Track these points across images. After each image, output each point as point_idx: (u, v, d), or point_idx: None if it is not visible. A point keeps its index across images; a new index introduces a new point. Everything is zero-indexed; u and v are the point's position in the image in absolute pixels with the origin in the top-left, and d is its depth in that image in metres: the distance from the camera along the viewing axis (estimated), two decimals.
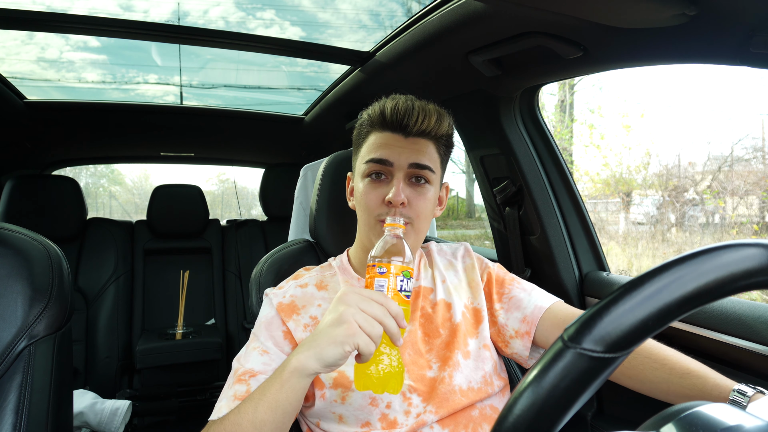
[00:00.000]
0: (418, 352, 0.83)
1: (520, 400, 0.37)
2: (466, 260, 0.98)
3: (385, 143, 0.84)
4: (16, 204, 2.20)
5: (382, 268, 0.67)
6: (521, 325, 0.87)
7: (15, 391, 0.71)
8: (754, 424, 0.33)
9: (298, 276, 0.94)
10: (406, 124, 0.83)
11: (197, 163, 3.02)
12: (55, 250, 0.81)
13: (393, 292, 0.66)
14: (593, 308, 0.38)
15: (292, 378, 0.63)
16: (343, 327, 0.60)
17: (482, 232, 7.38)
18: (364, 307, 0.62)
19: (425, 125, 0.83)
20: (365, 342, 0.60)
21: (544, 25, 0.93)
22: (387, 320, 0.62)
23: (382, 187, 0.84)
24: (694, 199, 5.43)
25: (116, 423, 1.97)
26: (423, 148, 0.84)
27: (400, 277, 0.67)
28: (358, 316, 0.61)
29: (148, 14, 1.63)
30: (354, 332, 0.60)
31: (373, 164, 0.84)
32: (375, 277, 0.67)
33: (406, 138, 0.84)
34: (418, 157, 0.83)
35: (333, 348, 0.60)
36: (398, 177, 0.82)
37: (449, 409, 0.79)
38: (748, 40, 0.73)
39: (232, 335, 2.57)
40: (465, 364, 0.82)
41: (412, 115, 0.83)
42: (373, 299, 0.63)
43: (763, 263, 0.36)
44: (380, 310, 0.62)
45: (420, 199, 0.84)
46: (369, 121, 0.88)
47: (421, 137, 0.85)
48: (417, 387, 0.80)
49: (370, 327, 0.60)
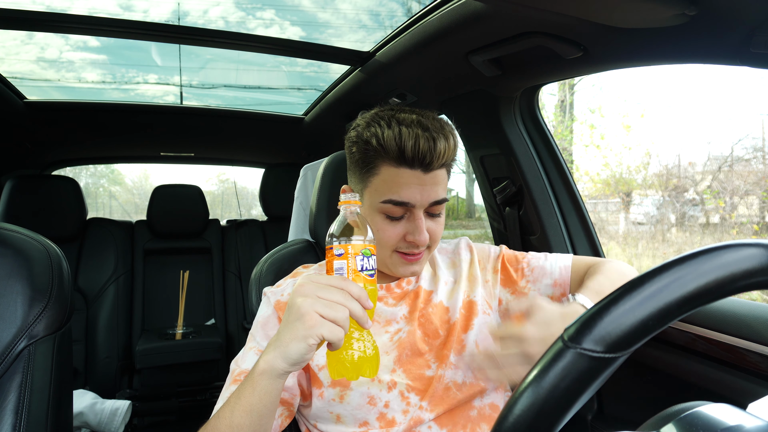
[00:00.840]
0: (417, 353, 0.83)
1: (520, 400, 0.37)
2: (466, 254, 0.97)
3: (405, 183, 0.77)
4: (16, 204, 2.20)
5: (340, 250, 0.64)
6: (554, 289, 0.89)
7: (15, 391, 0.71)
8: (754, 424, 0.33)
9: (297, 274, 0.94)
10: (429, 162, 0.77)
11: (197, 163, 3.02)
12: (55, 250, 0.81)
13: (353, 273, 0.63)
14: (593, 308, 0.38)
15: (262, 380, 0.61)
16: (303, 320, 0.57)
17: (482, 232, 7.38)
18: (322, 294, 0.59)
19: (444, 159, 0.79)
20: (330, 330, 0.57)
21: (544, 25, 0.93)
22: (350, 303, 0.59)
23: (400, 225, 0.81)
24: (694, 199, 5.43)
25: (116, 423, 1.97)
26: (440, 180, 0.80)
27: (359, 257, 0.64)
28: (317, 305, 0.58)
29: (148, 14, 1.63)
30: (315, 323, 0.57)
31: (393, 206, 0.79)
32: (333, 260, 0.64)
33: (426, 174, 0.78)
34: (438, 193, 0.80)
35: (296, 343, 0.58)
36: (420, 216, 0.79)
37: (445, 406, 0.79)
38: (748, 40, 0.73)
39: (232, 335, 2.57)
40: (457, 360, 0.83)
41: (434, 153, 0.76)
42: (332, 284, 0.60)
43: (763, 263, 0.36)
44: (340, 295, 0.59)
45: (438, 227, 0.83)
46: (381, 151, 0.78)
47: (440, 169, 0.80)
48: (415, 386, 0.80)
49: (333, 313, 0.57)
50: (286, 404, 0.78)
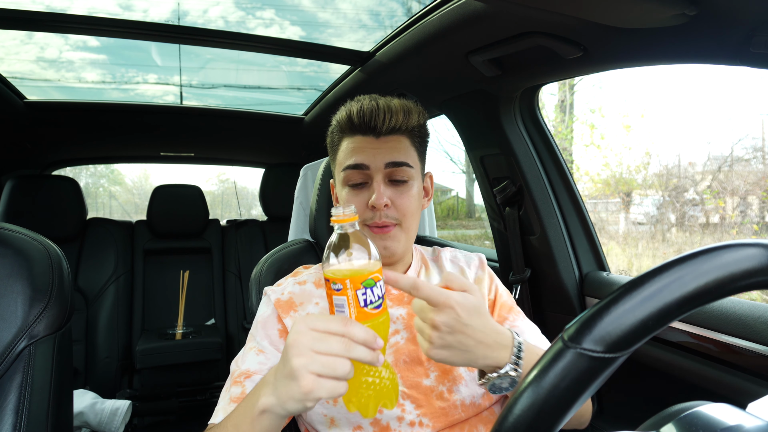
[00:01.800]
0: (416, 361, 0.81)
1: (520, 400, 0.37)
2: (478, 272, 0.95)
3: (358, 147, 0.83)
4: (16, 204, 2.20)
5: (337, 285, 0.55)
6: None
7: (15, 391, 0.71)
8: (754, 424, 0.33)
9: (297, 273, 0.94)
10: (375, 124, 0.82)
11: (197, 163, 3.02)
12: (55, 250, 0.81)
13: (356, 310, 0.55)
14: (593, 308, 0.38)
15: (263, 419, 0.58)
16: (298, 382, 0.52)
17: (482, 232, 7.38)
18: (319, 348, 0.52)
19: (394, 122, 0.82)
20: (329, 390, 0.52)
21: (544, 25, 0.93)
22: (354, 352, 0.53)
23: (363, 193, 0.83)
24: (694, 199, 5.43)
25: (116, 423, 1.97)
26: (397, 144, 0.83)
27: (360, 291, 0.54)
28: (313, 365, 0.52)
29: (148, 14, 1.63)
30: (310, 388, 0.51)
31: (350, 171, 0.83)
32: (332, 294, 0.56)
33: (378, 138, 0.83)
34: (393, 155, 0.82)
35: (294, 403, 0.54)
36: (378, 180, 0.81)
37: (446, 423, 0.77)
38: (748, 40, 0.73)
39: (232, 335, 2.57)
40: (470, 376, 0.80)
41: (378, 115, 0.81)
42: (330, 331, 0.53)
43: (763, 263, 0.36)
44: (340, 345, 0.52)
45: (404, 197, 0.83)
46: (338, 128, 0.87)
47: (393, 134, 0.83)
48: (411, 394, 0.78)
49: (331, 371, 0.52)
50: None
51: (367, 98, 0.85)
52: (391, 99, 0.85)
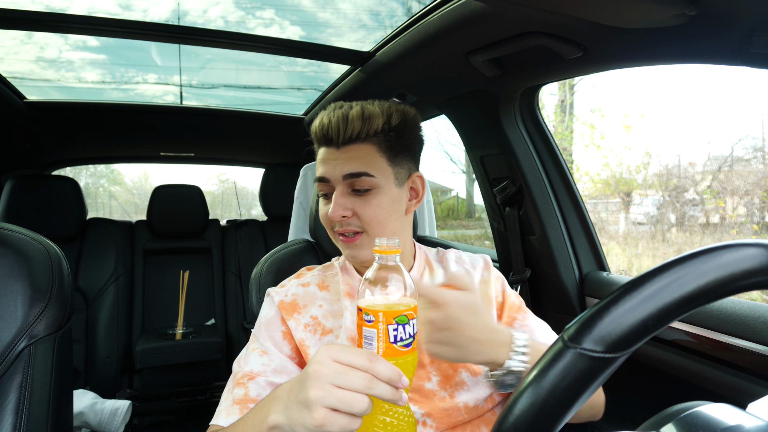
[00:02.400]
0: (419, 363, 0.81)
1: (520, 400, 0.37)
2: (484, 273, 0.94)
3: (322, 159, 0.84)
4: (16, 204, 2.20)
5: (370, 316, 0.53)
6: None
7: (15, 391, 0.71)
8: (754, 424, 0.33)
9: (301, 275, 0.94)
10: (331, 137, 0.82)
11: (197, 163, 3.02)
12: (55, 250, 0.81)
13: (385, 344, 0.53)
14: (593, 308, 0.38)
15: None
16: (310, 414, 0.50)
17: (482, 232, 7.38)
18: (340, 382, 0.50)
19: (350, 132, 0.80)
20: (341, 426, 0.50)
21: (544, 25, 0.93)
22: (376, 390, 0.50)
23: (329, 204, 0.84)
24: (694, 199, 5.43)
25: (116, 423, 1.97)
26: (356, 154, 0.81)
27: (392, 326, 0.53)
28: (329, 399, 0.49)
29: (148, 13, 1.63)
30: (321, 422, 0.49)
31: (318, 183, 0.85)
32: (363, 325, 0.54)
33: (339, 149, 0.82)
34: (350, 166, 0.80)
35: (303, 430, 0.52)
36: (338, 191, 0.81)
37: (449, 424, 0.78)
38: (748, 40, 0.73)
39: (232, 335, 2.57)
40: (473, 381, 0.80)
41: (332, 127, 0.81)
42: (355, 366, 0.51)
43: (763, 263, 0.36)
44: (362, 381, 0.50)
45: (366, 207, 0.81)
46: (314, 138, 0.88)
47: (352, 143, 0.81)
48: (413, 397, 0.78)
49: (348, 407, 0.50)
50: None
51: (332, 108, 0.84)
52: (355, 106, 0.82)
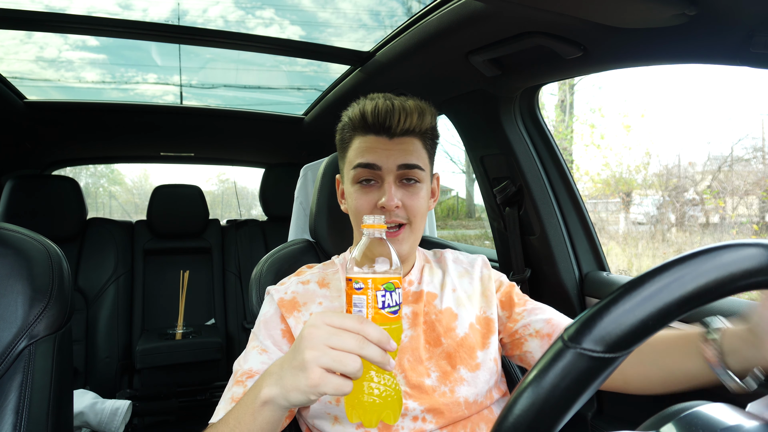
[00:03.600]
0: (418, 359, 0.81)
1: (520, 399, 0.37)
2: (483, 271, 0.96)
3: (370, 147, 0.82)
4: (16, 204, 2.20)
5: (359, 284, 0.57)
6: (545, 326, 0.86)
7: (15, 391, 0.71)
8: (754, 424, 0.33)
9: (301, 273, 0.94)
10: (389, 125, 0.81)
11: (197, 163, 3.02)
12: (55, 250, 0.81)
13: (374, 310, 0.57)
14: (593, 308, 0.38)
15: (265, 410, 0.59)
16: (306, 374, 0.53)
17: (482, 232, 7.38)
18: (333, 343, 0.53)
19: (408, 124, 0.81)
20: (335, 387, 0.52)
21: (544, 25, 0.93)
22: (366, 351, 0.53)
23: (373, 192, 0.83)
24: (694, 199, 5.43)
25: (116, 423, 1.97)
26: (409, 147, 0.83)
27: (381, 293, 0.57)
28: (324, 359, 0.52)
29: (147, 13, 1.63)
30: (317, 383, 0.52)
31: (361, 169, 0.82)
32: (352, 293, 0.58)
33: (391, 139, 0.82)
34: (406, 157, 0.82)
35: (298, 394, 0.54)
36: (389, 180, 0.81)
37: (450, 420, 0.78)
38: (748, 40, 0.73)
39: (232, 335, 2.57)
40: (472, 377, 0.81)
41: (393, 116, 0.80)
42: (346, 328, 0.54)
43: (763, 263, 0.36)
44: (354, 342, 0.53)
45: (414, 198, 0.83)
46: (351, 125, 0.85)
47: (406, 136, 0.83)
48: (413, 393, 0.78)
49: (341, 366, 0.52)
50: None
51: (381, 97, 0.84)
52: (406, 99, 0.84)
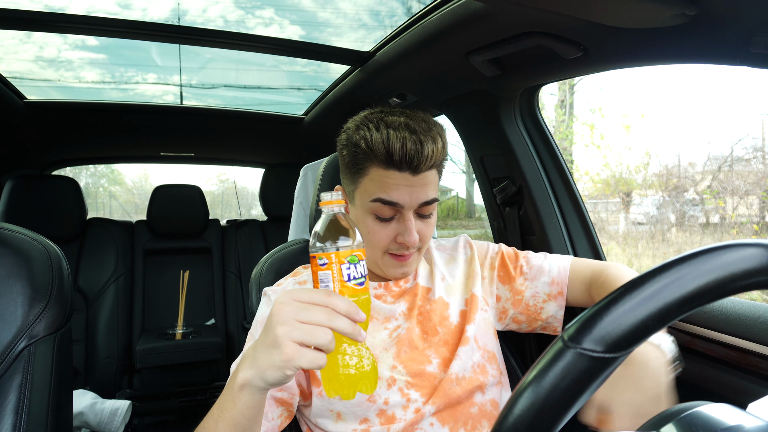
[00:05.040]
0: (415, 349, 0.84)
1: (520, 399, 0.37)
2: (466, 251, 0.98)
3: (394, 184, 0.78)
4: (16, 204, 2.20)
5: (323, 259, 0.58)
6: (552, 287, 0.91)
7: (15, 391, 0.71)
8: (754, 424, 0.33)
9: (297, 273, 0.94)
10: (417, 165, 0.77)
11: (197, 163, 3.02)
12: (55, 250, 0.81)
13: (340, 284, 0.58)
14: (593, 308, 0.38)
15: (243, 395, 0.59)
16: (279, 349, 0.53)
17: (482, 232, 7.38)
18: (302, 317, 0.54)
19: (433, 160, 0.79)
20: (309, 360, 0.53)
21: (544, 25, 0.93)
22: (336, 323, 0.54)
23: (391, 226, 0.81)
24: (694, 199, 5.43)
25: (116, 423, 1.97)
26: (430, 181, 0.81)
27: (345, 266, 0.58)
28: (295, 333, 0.53)
29: (147, 12, 1.63)
30: (292, 355, 0.53)
31: (381, 204, 0.79)
32: (317, 270, 0.58)
33: (415, 176, 0.78)
34: (427, 193, 0.80)
35: (273, 372, 0.55)
36: (409, 217, 0.80)
37: (445, 400, 0.79)
38: (748, 40, 0.73)
39: (232, 335, 2.57)
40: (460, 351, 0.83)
41: (422, 156, 0.76)
42: (314, 302, 0.55)
43: (763, 263, 0.36)
44: (323, 314, 0.54)
45: (429, 228, 0.84)
46: (369, 153, 0.78)
47: (427, 171, 0.80)
48: (415, 382, 0.80)
49: (312, 339, 0.53)
50: (285, 404, 0.78)
51: (407, 132, 0.76)
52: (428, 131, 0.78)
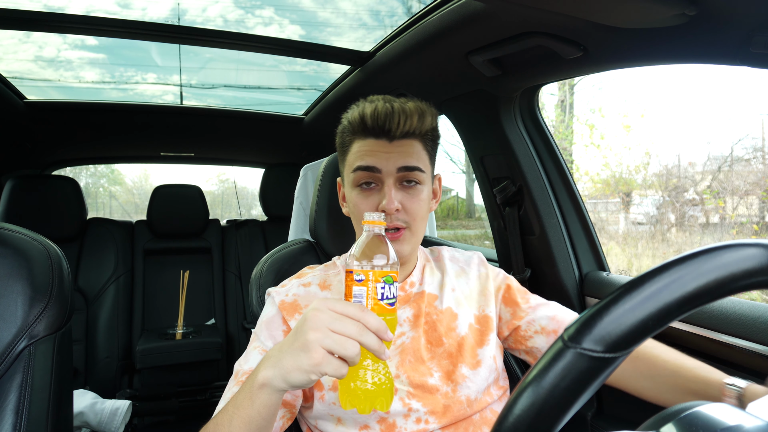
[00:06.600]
0: (419, 359, 0.82)
1: (520, 399, 0.37)
2: (480, 269, 0.96)
3: (370, 150, 0.82)
4: (16, 204, 2.20)
5: (360, 276, 0.60)
6: (550, 323, 0.87)
7: (15, 391, 0.71)
8: (754, 424, 0.33)
9: (302, 275, 0.94)
10: (389, 128, 0.80)
11: (197, 163, 3.02)
12: (55, 250, 0.81)
13: (373, 301, 0.60)
14: (593, 308, 0.38)
15: (262, 394, 0.60)
16: (308, 354, 0.55)
17: (482, 232, 7.38)
18: (335, 327, 0.55)
19: (408, 126, 0.81)
20: (335, 369, 0.55)
21: (544, 25, 0.93)
22: (365, 338, 0.56)
23: (373, 195, 0.83)
24: (694, 199, 5.43)
25: (116, 423, 1.97)
26: (409, 149, 0.82)
27: (380, 284, 0.60)
28: (327, 341, 0.55)
29: (147, 12, 1.63)
30: (319, 362, 0.55)
31: (360, 172, 0.82)
32: (353, 285, 0.61)
33: (391, 142, 0.82)
34: (406, 159, 0.81)
35: (298, 374, 0.56)
36: (389, 183, 0.81)
37: (452, 419, 0.78)
38: (748, 40, 0.73)
39: (232, 335, 2.57)
40: (472, 374, 0.81)
41: (393, 119, 0.80)
42: (348, 315, 0.56)
43: (763, 263, 0.36)
44: (355, 328, 0.55)
45: (414, 201, 0.83)
46: (350, 128, 0.85)
47: (406, 138, 0.82)
48: (416, 393, 0.79)
49: (341, 349, 0.55)
50: (288, 406, 0.78)
51: (381, 99, 0.83)
52: (405, 101, 0.84)
